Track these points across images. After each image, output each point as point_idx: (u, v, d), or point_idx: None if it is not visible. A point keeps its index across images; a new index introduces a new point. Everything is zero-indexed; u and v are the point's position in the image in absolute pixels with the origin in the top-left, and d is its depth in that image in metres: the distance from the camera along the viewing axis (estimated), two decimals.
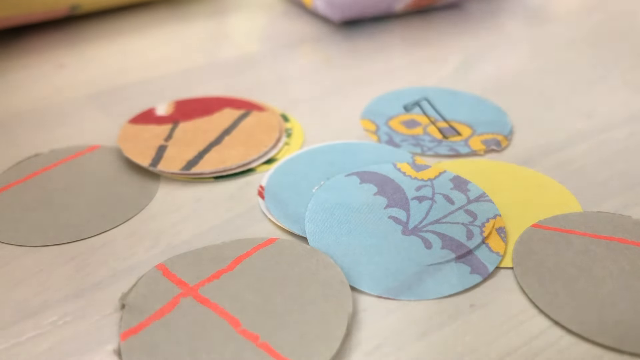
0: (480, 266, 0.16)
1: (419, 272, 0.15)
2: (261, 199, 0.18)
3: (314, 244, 0.16)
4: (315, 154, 0.21)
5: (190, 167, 0.19)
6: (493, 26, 0.33)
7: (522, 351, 0.14)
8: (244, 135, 0.21)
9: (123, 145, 0.21)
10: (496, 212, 0.17)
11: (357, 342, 0.14)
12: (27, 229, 0.17)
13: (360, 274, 0.15)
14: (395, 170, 0.19)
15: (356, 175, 0.19)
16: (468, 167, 0.20)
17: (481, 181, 0.19)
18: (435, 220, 0.17)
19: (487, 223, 0.17)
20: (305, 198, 0.18)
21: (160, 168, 0.19)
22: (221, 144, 0.21)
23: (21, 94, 0.25)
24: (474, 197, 0.18)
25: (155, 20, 0.34)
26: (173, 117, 0.23)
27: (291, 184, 0.19)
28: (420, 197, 0.18)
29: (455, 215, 0.17)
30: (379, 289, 0.15)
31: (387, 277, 0.15)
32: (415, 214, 0.17)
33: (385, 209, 0.18)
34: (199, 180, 0.20)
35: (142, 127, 0.22)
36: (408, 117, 0.23)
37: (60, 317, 0.14)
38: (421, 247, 0.16)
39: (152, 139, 0.21)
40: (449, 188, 0.18)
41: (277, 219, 0.17)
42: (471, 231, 0.17)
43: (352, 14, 0.32)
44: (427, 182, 0.19)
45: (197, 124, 0.22)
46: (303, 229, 0.17)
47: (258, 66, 0.28)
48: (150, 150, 0.20)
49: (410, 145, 0.21)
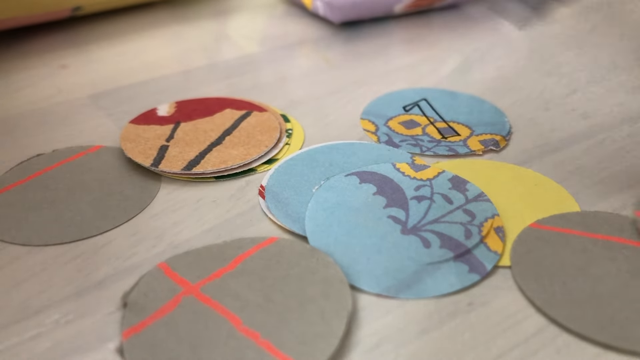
0: (479, 265, 0.16)
1: (417, 271, 0.16)
2: (262, 199, 0.19)
3: (314, 243, 0.16)
4: (315, 154, 0.21)
5: (191, 167, 0.20)
6: (491, 27, 0.33)
7: (520, 349, 0.14)
8: (245, 135, 0.21)
9: (124, 146, 0.21)
10: (494, 212, 0.17)
11: (357, 341, 0.14)
12: (29, 228, 0.17)
13: (360, 273, 0.16)
14: (395, 170, 0.19)
15: (356, 175, 0.19)
16: (466, 167, 0.20)
17: (479, 181, 0.19)
18: (434, 219, 0.17)
19: (485, 222, 0.17)
20: (305, 198, 0.18)
21: (161, 168, 0.20)
22: (222, 144, 0.21)
23: (23, 95, 0.25)
24: (473, 196, 0.18)
25: (157, 21, 0.34)
26: (174, 117, 0.23)
27: (291, 183, 0.19)
28: (419, 197, 0.18)
29: (454, 214, 0.17)
30: (378, 288, 0.15)
31: (386, 275, 0.15)
32: (414, 213, 0.18)
33: (385, 209, 0.18)
34: (200, 180, 0.20)
35: (144, 128, 0.22)
36: (407, 118, 0.23)
37: (63, 316, 0.15)
38: (420, 247, 0.16)
39: (153, 139, 0.21)
40: (447, 188, 0.18)
41: (278, 219, 0.18)
42: (469, 230, 0.17)
43: (351, 16, 0.32)
44: (426, 182, 0.19)
45: (199, 124, 0.22)
46: (303, 229, 0.17)
47: (259, 67, 0.28)
48: (152, 150, 0.20)
49: (410, 146, 0.21)
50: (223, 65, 0.28)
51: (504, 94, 0.25)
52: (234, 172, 0.20)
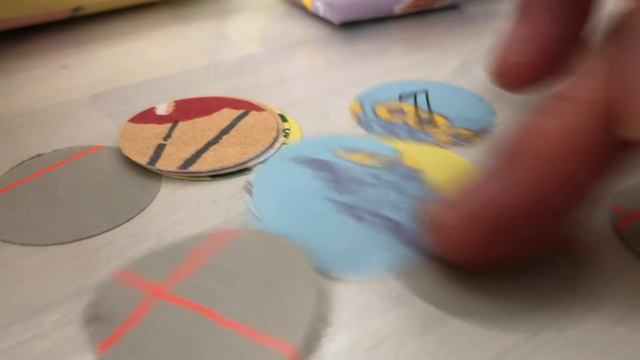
0: (412, 238, 0.17)
1: (351, 247, 0.16)
2: (249, 196, 0.19)
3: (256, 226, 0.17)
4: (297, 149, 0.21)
5: (187, 166, 0.20)
6: (491, 28, 0.33)
7: (520, 349, 0.14)
8: (242, 134, 0.22)
9: (122, 144, 0.21)
10: (429, 189, 0.18)
11: (357, 340, 0.14)
12: (29, 228, 0.17)
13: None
14: (331, 154, 0.20)
15: (294, 159, 0.20)
16: (421, 151, 0.21)
17: (424, 164, 0.20)
18: (373, 200, 0.18)
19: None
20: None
21: (158, 166, 0.20)
22: (219, 143, 0.21)
23: (24, 95, 0.25)
24: (410, 176, 0.19)
25: (157, 21, 0.34)
26: (173, 116, 0.23)
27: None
28: (354, 179, 0.19)
29: (391, 193, 0.18)
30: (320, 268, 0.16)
31: (322, 252, 0.16)
32: (352, 194, 0.18)
33: (322, 191, 0.18)
34: (197, 179, 0.20)
35: (142, 126, 0.22)
36: (398, 106, 0.24)
37: (63, 316, 0.15)
38: (355, 225, 0.17)
39: (151, 137, 0.21)
40: (386, 168, 0.19)
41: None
42: (406, 208, 0.18)
43: (351, 16, 0.32)
44: (361, 164, 0.20)
45: (196, 124, 0.22)
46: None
47: (259, 67, 0.28)
48: (149, 149, 0.20)
49: (382, 129, 0.22)
50: (223, 66, 0.28)
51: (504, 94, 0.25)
52: (230, 172, 0.20)
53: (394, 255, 0.16)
